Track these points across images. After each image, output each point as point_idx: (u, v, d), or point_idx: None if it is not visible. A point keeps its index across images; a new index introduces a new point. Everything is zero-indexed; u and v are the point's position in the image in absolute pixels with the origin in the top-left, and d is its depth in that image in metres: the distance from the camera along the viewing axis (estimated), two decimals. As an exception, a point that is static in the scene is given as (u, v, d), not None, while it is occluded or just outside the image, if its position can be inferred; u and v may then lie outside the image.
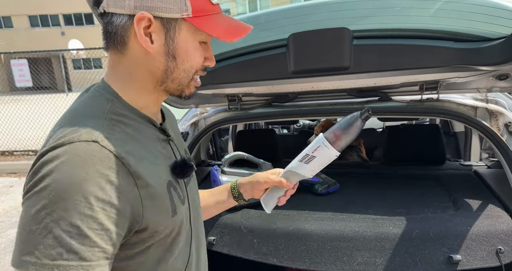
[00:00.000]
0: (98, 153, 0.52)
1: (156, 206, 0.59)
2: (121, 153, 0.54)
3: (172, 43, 0.61)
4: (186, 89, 0.66)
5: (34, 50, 7.45)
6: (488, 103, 1.21)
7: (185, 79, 0.64)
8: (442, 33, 1.04)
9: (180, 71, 0.63)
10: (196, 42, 0.63)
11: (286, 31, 1.15)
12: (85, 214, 0.49)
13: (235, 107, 1.46)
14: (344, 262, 1.02)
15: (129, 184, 0.54)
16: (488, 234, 0.96)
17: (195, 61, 0.64)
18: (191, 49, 0.63)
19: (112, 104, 0.60)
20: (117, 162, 0.53)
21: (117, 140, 0.56)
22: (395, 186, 1.36)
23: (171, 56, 0.61)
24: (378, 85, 1.23)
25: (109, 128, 0.56)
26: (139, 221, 0.56)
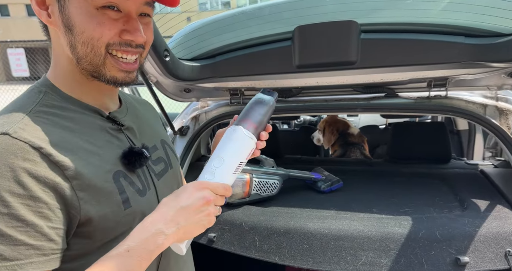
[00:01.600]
0: (9, 146, 0.48)
1: (97, 198, 0.54)
2: (39, 143, 0.50)
3: (64, 12, 0.54)
4: (104, 71, 0.57)
5: (31, 40, 7.35)
6: (498, 101, 1.18)
7: (92, 56, 0.55)
8: (453, 28, 1.00)
9: (81, 45, 0.55)
10: (90, 8, 0.53)
11: (292, 23, 1.12)
12: (1, 213, 0.45)
13: (237, 101, 1.43)
14: (348, 262, 1.00)
15: (55, 175, 0.50)
16: (497, 236, 0.94)
17: (96, 32, 0.54)
18: (85, 16, 0.53)
19: (44, 96, 0.57)
20: (34, 153, 0.49)
21: (37, 131, 0.52)
22: (399, 185, 1.33)
23: (67, 28, 0.55)
24: (385, 81, 1.19)
25: (29, 120, 0.53)
26: (76, 215, 0.52)
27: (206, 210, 0.56)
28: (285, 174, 1.31)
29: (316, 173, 1.37)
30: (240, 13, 1.21)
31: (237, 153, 0.63)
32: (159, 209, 0.55)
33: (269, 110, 0.70)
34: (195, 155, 1.66)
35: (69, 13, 0.54)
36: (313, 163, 1.63)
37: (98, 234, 0.55)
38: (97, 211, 0.54)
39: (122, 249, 0.51)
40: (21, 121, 0.52)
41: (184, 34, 1.22)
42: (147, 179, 0.66)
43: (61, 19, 0.55)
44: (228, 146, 0.63)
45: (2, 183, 0.46)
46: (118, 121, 0.64)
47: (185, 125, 1.51)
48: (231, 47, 1.20)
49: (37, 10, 0.55)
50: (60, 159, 0.51)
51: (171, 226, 0.53)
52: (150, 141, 0.72)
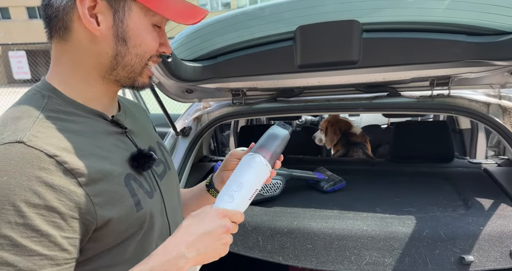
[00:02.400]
0: (24, 155, 0.48)
1: (112, 202, 0.55)
2: (54, 151, 0.50)
3: (121, 25, 0.56)
4: (138, 78, 0.62)
5: (32, 42, 7.37)
6: (501, 99, 1.18)
7: (137, 65, 0.60)
8: (455, 26, 1.00)
9: (132, 56, 0.58)
10: (148, 25, 0.59)
11: (293, 23, 1.11)
12: (16, 223, 0.45)
13: (239, 102, 1.43)
14: (352, 262, 1.00)
15: (70, 183, 0.50)
16: (501, 235, 0.93)
17: (149, 46, 0.59)
18: (143, 31, 0.58)
19: (48, 100, 0.56)
20: (50, 161, 0.49)
21: (50, 137, 0.51)
22: (402, 184, 1.33)
23: (121, 39, 0.57)
24: (388, 80, 1.19)
25: (40, 126, 0.52)
26: (93, 220, 0.52)
27: (224, 238, 0.59)
28: (287, 174, 1.30)
29: (318, 173, 1.37)
30: (242, 14, 1.21)
31: (255, 180, 0.68)
32: (182, 232, 0.57)
33: (284, 143, 0.75)
34: (197, 156, 1.66)
35: (127, 27, 0.57)
36: (315, 163, 1.63)
37: (111, 237, 0.56)
38: (113, 215, 0.54)
39: (146, 268, 0.53)
40: (32, 128, 0.51)
41: (186, 35, 1.22)
42: (152, 181, 0.67)
43: (115, 31, 0.56)
44: (247, 173, 0.67)
45: (19, 193, 0.46)
46: (121, 124, 0.65)
47: (187, 126, 1.51)
48: (233, 47, 1.20)
49: (86, 18, 0.54)
50: (74, 166, 0.51)
51: (192, 251, 0.55)
52: (148, 143, 0.73)
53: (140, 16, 0.57)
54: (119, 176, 0.58)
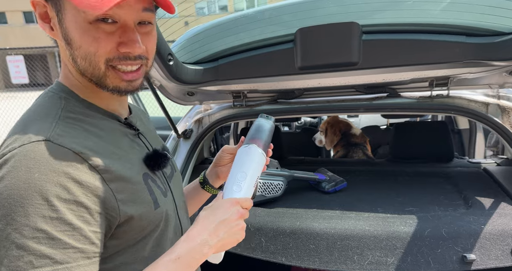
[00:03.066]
0: (53, 152, 0.49)
1: (133, 199, 0.57)
2: (79, 148, 0.51)
3: (62, 26, 0.54)
4: (106, 82, 0.57)
5: (29, 47, 7.37)
6: (500, 99, 1.19)
7: (91, 69, 0.55)
8: (454, 28, 1.01)
9: (80, 59, 0.55)
10: (84, 23, 0.52)
11: (293, 26, 1.13)
12: (50, 217, 0.46)
13: (240, 104, 1.44)
14: (355, 262, 1.00)
15: (95, 179, 0.52)
16: (502, 233, 0.94)
17: (91, 47, 0.53)
18: (80, 31, 0.53)
19: (66, 102, 0.57)
20: (76, 158, 0.50)
21: (74, 137, 0.53)
22: (403, 184, 1.34)
23: (67, 42, 0.55)
24: (387, 81, 1.20)
25: (64, 126, 0.53)
26: (116, 216, 0.54)
27: (240, 223, 0.63)
28: (289, 175, 1.31)
29: (320, 173, 1.38)
30: (242, 17, 1.22)
31: (256, 168, 0.73)
32: (201, 222, 0.61)
33: (271, 132, 0.82)
34: (199, 158, 1.67)
35: (66, 27, 0.53)
36: (316, 164, 1.63)
37: (131, 234, 0.58)
38: (134, 212, 0.56)
39: (173, 256, 0.55)
40: (56, 127, 0.52)
41: (187, 38, 1.23)
42: (164, 181, 0.70)
43: (61, 33, 0.55)
44: (248, 162, 0.72)
45: (51, 189, 0.47)
46: (134, 126, 0.67)
47: (188, 128, 1.51)
48: (233, 50, 1.21)
49: (40, 23, 0.55)
50: (98, 164, 0.52)
51: (214, 238, 0.59)
52: (156, 143, 0.75)
53: (74, 14, 0.52)
54: (138, 175, 0.60)
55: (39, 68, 10.45)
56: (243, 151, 0.74)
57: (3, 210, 0.45)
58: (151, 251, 0.62)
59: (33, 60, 9.27)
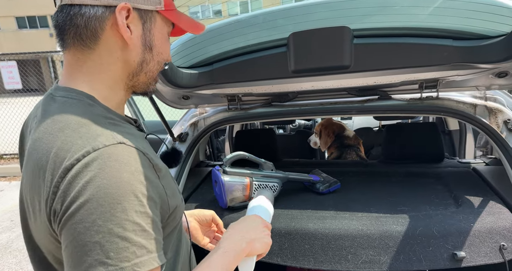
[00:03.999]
0: (131, 153, 0.54)
1: (173, 193, 0.63)
2: (143, 149, 0.56)
3: (149, 34, 0.63)
4: (153, 83, 0.69)
5: (22, 52, 7.32)
6: (487, 100, 1.23)
7: (156, 72, 0.67)
8: (442, 31, 1.04)
9: (155, 62, 0.66)
10: (167, 35, 0.67)
11: (286, 30, 1.15)
12: (141, 211, 0.51)
13: (235, 107, 1.45)
14: (349, 261, 1.02)
15: (156, 177, 0.57)
16: (491, 231, 0.97)
17: (167, 53, 0.68)
18: (164, 40, 0.66)
19: (94, 108, 0.59)
20: (145, 158, 0.56)
21: (131, 139, 0.57)
22: (395, 184, 1.36)
23: (148, 47, 0.63)
24: (378, 83, 1.23)
25: (114, 129, 0.56)
26: (167, 209, 0.59)
27: (265, 230, 0.81)
28: (284, 176, 1.33)
29: (314, 175, 1.40)
30: (236, 22, 1.25)
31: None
32: (234, 226, 0.79)
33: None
34: (194, 161, 1.68)
35: (153, 36, 0.63)
36: (310, 166, 1.65)
37: (171, 224, 0.64)
38: (175, 203, 0.63)
39: (220, 251, 0.68)
40: (113, 131, 0.56)
41: (182, 43, 1.25)
42: None
43: (144, 39, 0.62)
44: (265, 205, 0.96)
45: (137, 186, 0.51)
46: (143, 129, 0.70)
47: (184, 131, 1.53)
48: (228, 54, 1.23)
49: (124, 26, 0.59)
50: (156, 163, 0.58)
51: (247, 237, 0.75)
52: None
53: (162, 26, 0.65)
54: (169, 172, 0.67)
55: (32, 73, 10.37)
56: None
57: (102, 208, 0.48)
58: (176, 240, 0.69)
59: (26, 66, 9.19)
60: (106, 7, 0.58)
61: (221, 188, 1.21)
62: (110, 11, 0.58)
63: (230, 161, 1.26)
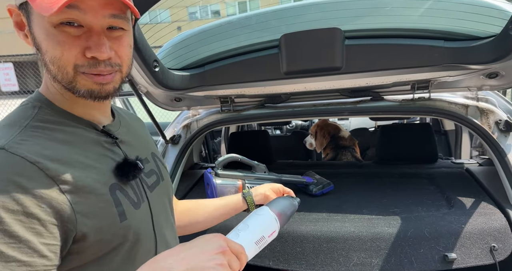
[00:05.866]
0: (5, 161, 0.48)
1: (95, 211, 0.54)
2: (36, 158, 0.50)
3: (32, 32, 0.55)
4: (77, 86, 0.56)
5: (19, 54, 7.30)
6: (478, 101, 1.23)
7: (60, 74, 0.55)
8: (433, 32, 1.04)
9: (48, 64, 0.54)
10: (48, 26, 0.52)
11: (278, 31, 1.15)
12: None
13: (228, 109, 1.45)
14: (340, 263, 1.02)
15: (51, 189, 0.50)
16: (482, 232, 0.97)
17: (56, 51, 0.53)
18: (45, 35, 0.53)
19: (39, 110, 0.57)
20: (31, 167, 0.49)
21: (34, 145, 0.52)
22: (388, 185, 1.36)
23: (37, 48, 0.55)
24: (370, 84, 1.23)
25: (25, 135, 0.53)
26: (72, 228, 0.52)
27: (218, 258, 0.53)
28: (277, 178, 1.32)
29: (307, 176, 1.39)
30: (227, 23, 1.24)
31: (261, 226, 0.72)
32: (175, 248, 0.55)
33: (293, 208, 0.87)
34: (188, 163, 1.67)
35: (34, 33, 0.54)
36: (305, 167, 1.65)
37: (95, 247, 0.55)
38: (94, 224, 0.54)
39: None
40: (17, 136, 0.52)
41: (173, 45, 1.24)
42: (141, 191, 0.67)
43: (32, 40, 0.55)
44: (254, 218, 0.73)
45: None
46: (112, 134, 0.65)
47: (176, 133, 1.52)
48: (219, 56, 1.22)
49: (16, 31, 0.56)
50: (57, 174, 0.51)
51: (181, 265, 0.51)
52: (142, 154, 0.73)
53: (39, 18, 0.52)
54: (104, 186, 0.58)
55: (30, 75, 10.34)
56: (255, 211, 0.78)
57: None
58: (121, 264, 0.59)
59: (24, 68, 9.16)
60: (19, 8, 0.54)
61: (213, 191, 1.20)
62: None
63: (222, 163, 1.25)
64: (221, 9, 18.81)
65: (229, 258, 0.55)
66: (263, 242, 0.71)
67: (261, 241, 0.70)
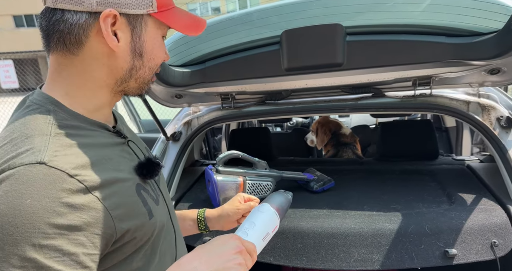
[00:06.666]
0: (47, 176, 0.48)
1: (128, 213, 0.56)
2: (74, 170, 0.50)
3: (139, 40, 0.59)
4: (145, 88, 0.65)
5: (19, 51, 7.30)
6: (480, 97, 1.22)
7: (148, 77, 0.63)
8: (435, 28, 1.04)
9: (146, 69, 0.62)
10: (160, 38, 0.62)
11: (279, 28, 1.14)
12: (40, 245, 0.45)
13: (229, 106, 1.45)
14: (341, 259, 1.02)
15: (90, 200, 0.50)
16: (483, 228, 0.97)
17: (160, 58, 0.64)
18: (157, 45, 0.62)
19: (55, 115, 0.55)
20: (71, 181, 0.49)
21: (68, 156, 0.51)
22: (389, 182, 1.36)
23: (138, 55, 0.59)
24: (372, 81, 1.23)
25: (55, 144, 0.52)
26: (113, 234, 0.53)
27: (237, 258, 0.59)
28: (277, 175, 1.33)
29: (308, 173, 1.40)
30: (228, 19, 1.24)
31: (266, 223, 0.76)
32: (197, 249, 0.59)
33: (287, 203, 0.89)
34: (189, 160, 1.67)
35: (144, 42, 0.59)
36: (306, 164, 1.65)
37: (129, 246, 0.57)
38: (130, 226, 0.56)
39: None
40: (49, 147, 0.50)
41: (174, 41, 1.24)
42: (155, 187, 0.69)
43: (133, 46, 0.58)
44: (258, 216, 0.76)
45: (42, 215, 0.46)
46: (123, 135, 0.65)
47: (177, 130, 1.52)
48: (220, 52, 1.22)
49: (110, 35, 0.55)
50: (93, 184, 0.52)
51: (206, 267, 0.56)
52: (143, 150, 0.73)
53: (154, 30, 0.60)
54: (132, 187, 0.59)
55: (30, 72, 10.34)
56: (255, 208, 0.80)
57: None
58: (144, 259, 0.61)
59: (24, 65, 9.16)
60: (90, 13, 0.54)
61: (214, 188, 1.20)
62: (95, 17, 0.54)
63: (223, 160, 1.25)
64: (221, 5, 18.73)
65: (245, 257, 0.61)
66: (268, 237, 0.75)
67: (266, 237, 0.75)
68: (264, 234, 0.74)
